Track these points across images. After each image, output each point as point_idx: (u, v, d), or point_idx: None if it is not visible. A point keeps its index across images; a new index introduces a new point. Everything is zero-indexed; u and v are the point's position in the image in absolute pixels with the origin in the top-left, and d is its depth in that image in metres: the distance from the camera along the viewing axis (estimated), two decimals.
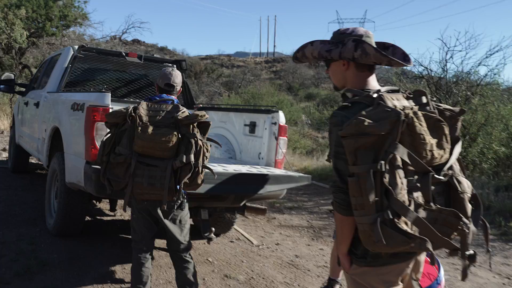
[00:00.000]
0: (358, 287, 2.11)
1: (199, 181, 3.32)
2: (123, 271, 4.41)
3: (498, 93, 10.26)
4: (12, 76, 7.79)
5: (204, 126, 3.40)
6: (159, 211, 3.39)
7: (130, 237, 5.30)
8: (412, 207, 1.86)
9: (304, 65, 68.09)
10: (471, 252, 2.02)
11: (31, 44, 18.16)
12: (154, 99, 3.49)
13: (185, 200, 3.55)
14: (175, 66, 6.68)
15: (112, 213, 6.38)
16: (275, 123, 5.25)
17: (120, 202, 5.83)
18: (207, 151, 3.38)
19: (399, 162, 1.88)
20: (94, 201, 6.20)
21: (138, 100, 6.57)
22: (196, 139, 3.28)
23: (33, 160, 9.11)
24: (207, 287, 4.27)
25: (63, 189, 4.78)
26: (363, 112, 1.90)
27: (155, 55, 7.44)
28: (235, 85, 43.14)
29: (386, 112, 1.88)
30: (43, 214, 5.59)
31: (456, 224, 1.92)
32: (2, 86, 7.70)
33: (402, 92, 2.10)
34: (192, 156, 3.23)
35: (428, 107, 2.05)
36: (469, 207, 2.01)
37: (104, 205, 6.64)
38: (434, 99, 2.03)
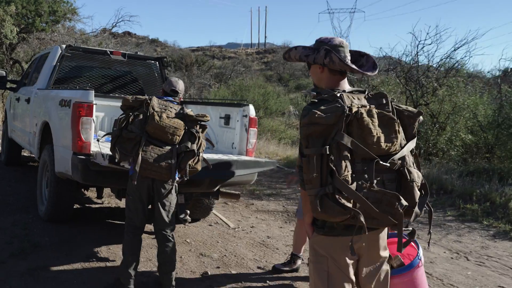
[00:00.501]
0: (316, 254, 2.52)
1: (199, 167, 3.99)
2: (108, 251, 4.90)
3: (462, 84, 10.79)
4: (4, 73, 8.19)
5: (203, 126, 4.05)
6: (160, 189, 3.91)
7: (115, 222, 5.83)
8: (354, 186, 2.24)
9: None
10: (410, 229, 2.48)
11: (21, 40, 18.46)
12: (163, 98, 4.06)
13: (176, 186, 4.08)
14: (157, 62, 7.19)
15: (99, 201, 6.86)
16: (246, 116, 5.73)
17: (106, 191, 6.33)
18: (204, 146, 4.06)
19: (345, 149, 2.27)
20: (83, 190, 6.70)
21: (123, 96, 7.04)
22: (197, 133, 3.95)
23: (25, 153, 9.54)
24: (184, 264, 4.77)
25: (53, 179, 5.25)
26: (321, 107, 2.32)
27: (138, 53, 7.88)
28: (225, 77, 43.46)
29: (335, 108, 2.30)
30: (35, 203, 6.04)
31: (395, 205, 2.28)
32: None
33: (365, 94, 2.51)
34: (194, 145, 3.89)
35: (386, 107, 2.46)
36: (417, 193, 2.39)
37: (92, 194, 7.11)
38: (395, 100, 2.45)
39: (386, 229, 2.62)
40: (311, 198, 2.30)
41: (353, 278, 2.51)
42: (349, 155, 2.29)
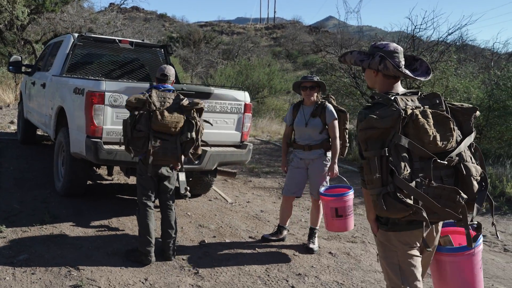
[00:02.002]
0: (385, 249, 2.70)
1: (199, 152, 4.63)
2: (118, 222, 5.56)
3: (452, 69, 11.26)
4: (20, 58, 8.80)
5: (200, 110, 4.63)
6: (165, 171, 4.62)
7: (124, 197, 6.48)
8: (413, 184, 2.38)
9: (304, 31, 68.34)
10: (475, 223, 2.57)
11: (32, 20, 18.98)
12: (159, 88, 4.65)
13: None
14: (162, 49, 7.76)
15: (110, 178, 7.52)
16: (241, 101, 6.31)
17: (116, 169, 6.98)
18: (203, 129, 4.64)
19: (403, 149, 2.42)
20: (95, 168, 7.35)
21: (131, 81, 7.65)
22: (195, 120, 4.53)
23: (39, 132, 10.20)
24: (184, 234, 5.42)
25: (68, 158, 5.89)
26: (377, 112, 2.46)
27: (144, 41, 8.44)
28: (233, 54, 43.71)
29: (391, 111, 2.43)
30: (52, 179, 6.70)
31: (456, 199, 2.39)
32: (11, 67, 8.73)
33: (418, 94, 2.62)
34: (193, 134, 4.51)
35: (440, 106, 2.56)
36: (475, 187, 2.49)
37: (103, 171, 7.76)
38: (447, 99, 2.70)
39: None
40: (373, 197, 2.46)
41: (421, 260, 2.70)
42: (407, 155, 2.44)
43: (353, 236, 5.83)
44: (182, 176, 5.60)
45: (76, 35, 7.13)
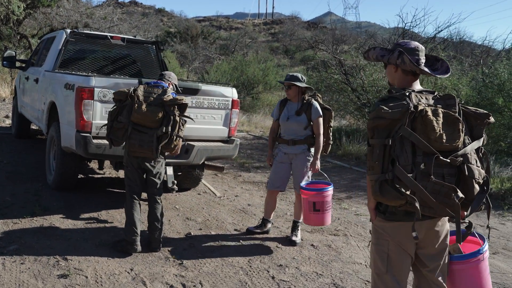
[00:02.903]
0: (378, 236, 2.83)
1: (172, 146, 4.71)
2: (107, 214, 5.71)
3: None
4: (13, 54, 8.93)
5: (182, 106, 4.77)
6: (147, 164, 4.77)
7: (114, 190, 6.63)
8: (413, 175, 2.48)
9: (302, 26, 68.38)
10: (466, 221, 2.68)
11: (28, 15, 19.08)
12: (150, 84, 4.83)
13: (163, 160, 4.92)
14: (154, 46, 7.89)
15: (101, 172, 7.67)
16: (229, 98, 6.45)
17: (107, 163, 7.12)
18: (183, 125, 4.77)
19: (407, 142, 2.53)
20: (86, 162, 7.50)
21: (122, 77, 7.79)
22: (174, 116, 4.67)
23: (33, 127, 10.33)
24: (171, 226, 5.58)
25: (59, 152, 6.03)
26: (390, 104, 2.57)
27: (137, 37, 8.57)
28: (230, 49, 43.79)
29: (401, 105, 2.55)
30: (44, 172, 6.85)
31: (452, 196, 2.47)
32: (5, 62, 8.86)
33: (434, 94, 2.71)
34: (170, 128, 4.64)
35: (453, 108, 2.63)
36: (476, 189, 2.57)
37: (95, 165, 7.90)
38: (463, 102, 2.73)
39: (446, 223, 2.82)
40: (371, 182, 2.59)
41: (410, 260, 2.80)
42: (410, 148, 2.54)
43: (336, 229, 5.99)
44: (170, 170, 5.75)
45: (68, 31, 7.26)
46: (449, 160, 2.54)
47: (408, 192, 2.48)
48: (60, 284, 3.95)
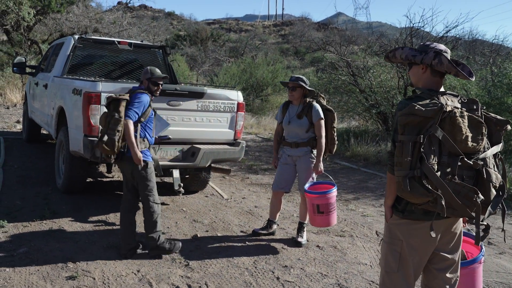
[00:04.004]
0: (391, 235, 2.85)
1: (106, 146, 4.47)
2: (115, 217, 5.79)
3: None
4: (23, 60, 9.07)
5: (113, 103, 4.54)
6: (122, 166, 4.77)
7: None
8: (438, 174, 2.53)
9: (312, 27, 68.30)
10: (484, 223, 2.70)
11: (38, 21, 19.28)
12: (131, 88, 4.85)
13: (148, 163, 4.72)
14: (161, 50, 7.96)
15: (110, 175, 7.76)
16: (234, 101, 6.51)
17: (115, 167, 7.21)
18: (115, 124, 4.44)
19: (436, 141, 2.57)
20: (96, 166, 7.59)
21: (129, 81, 7.89)
22: (110, 114, 4.53)
23: (44, 131, 10.46)
24: (178, 228, 5.64)
25: (68, 156, 6.13)
26: (420, 102, 2.62)
27: (144, 41, 8.66)
28: (239, 51, 43.87)
29: (434, 104, 2.60)
30: (54, 176, 6.96)
31: (473, 198, 2.53)
32: (15, 69, 9.00)
33: (459, 97, 2.76)
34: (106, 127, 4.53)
35: (476, 112, 2.69)
36: (493, 192, 2.63)
37: (104, 169, 8.00)
38: (484, 107, 2.77)
39: (461, 223, 2.88)
40: (399, 178, 2.60)
41: (423, 262, 2.83)
42: (438, 147, 2.59)
43: (342, 230, 6.02)
44: (176, 173, 5.82)
45: (76, 37, 7.37)
46: (472, 163, 2.60)
47: (433, 189, 2.53)
48: (68, 286, 4.02)
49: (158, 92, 4.89)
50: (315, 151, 5.34)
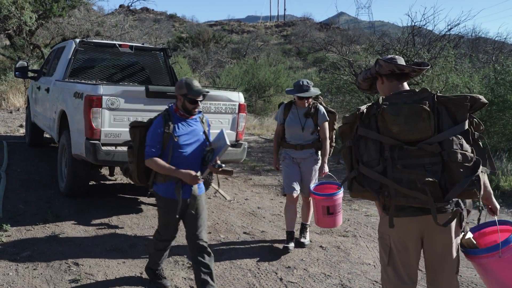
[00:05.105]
0: (381, 228, 2.93)
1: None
2: (117, 220, 5.79)
3: (449, 65, 11.36)
4: (25, 64, 9.10)
5: None
6: None
7: (125, 196, 6.71)
8: (379, 168, 2.65)
9: (314, 28, 68.28)
10: (449, 206, 2.68)
11: (40, 25, 19.32)
12: None
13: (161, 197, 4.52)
14: (162, 52, 7.96)
15: (112, 178, 7.76)
16: (236, 102, 6.51)
17: (117, 169, 7.22)
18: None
19: (369, 140, 2.72)
20: (99, 169, 7.61)
21: (131, 84, 7.90)
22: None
23: (47, 135, 10.48)
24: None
25: (70, 159, 6.14)
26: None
27: (145, 44, 8.67)
28: (241, 53, 43.90)
29: (355, 110, 2.82)
30: (56, 179, 6.97)
31: (418, 182, 2.57)
32: (17, 73, 9.03)
33: (412, 92, 2.79)
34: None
35: (426, 100, 2.69)
36: (460, 172, 2.55)
37: (106, 171, 8.00)
38: (438, 92, 2.80)
39: (453, 224, 2.77)
40: (348, 182, 2.82)
41: (414, 257, 2.84)
42: (377, 145, 2.71)
43: (345, 231, 6.01)
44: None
45: (77, 40, 7.39)
46: (416, 148, 2.63)
47: (379, 186, 2.67)
48: None
49: (196, 111, 3.96)
50: (319, 153, 5.33)
